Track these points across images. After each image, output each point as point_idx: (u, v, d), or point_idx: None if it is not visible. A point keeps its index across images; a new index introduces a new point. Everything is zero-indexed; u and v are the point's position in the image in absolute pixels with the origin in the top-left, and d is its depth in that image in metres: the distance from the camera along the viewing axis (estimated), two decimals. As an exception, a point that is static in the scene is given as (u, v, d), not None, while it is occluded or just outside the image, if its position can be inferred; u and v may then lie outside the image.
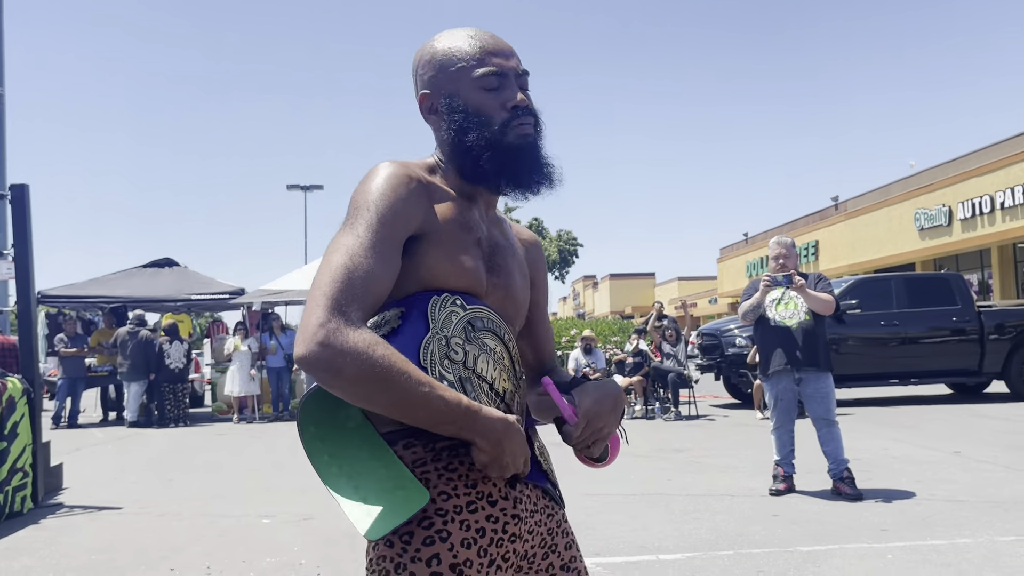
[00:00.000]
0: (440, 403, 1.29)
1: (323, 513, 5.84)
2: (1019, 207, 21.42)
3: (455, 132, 1.51)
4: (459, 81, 1.52)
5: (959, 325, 12.63)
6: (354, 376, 1.26)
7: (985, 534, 4.68)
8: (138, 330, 13.54)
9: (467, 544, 1.36)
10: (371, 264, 1.34)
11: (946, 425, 9.76)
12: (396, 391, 1.27)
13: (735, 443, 8.96)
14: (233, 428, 12.74)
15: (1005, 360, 12.58)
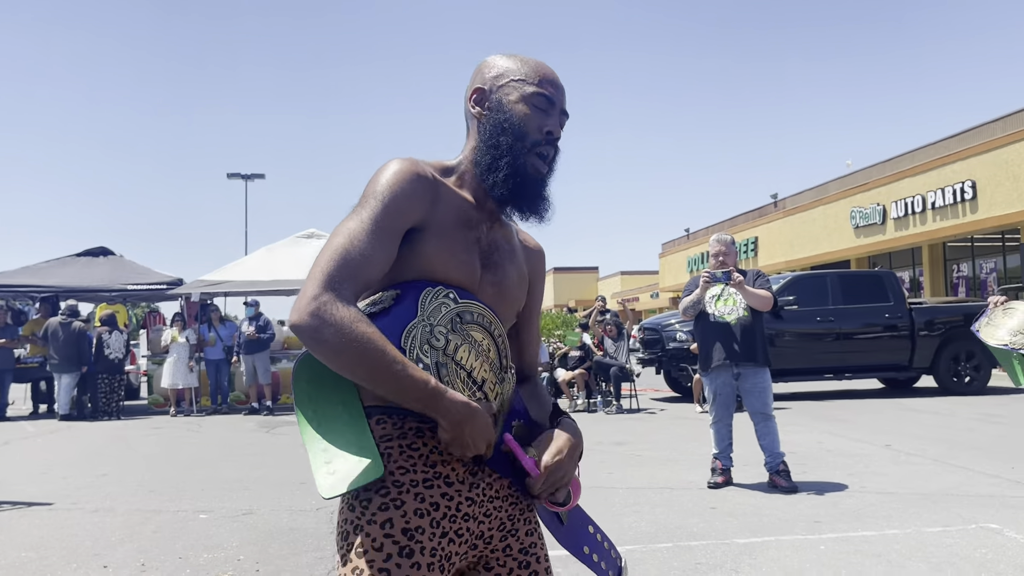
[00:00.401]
0: (409, 381, 1.42)
1: (262, 508, 5.77)
2: (949, 207, 22.07)
3: (492, 128, 1.65)
4: (515, 91, 1.66)
5: (891, 321, 12.97)
6: (335, 346, 1.40)
7: (913, 525, 4.82)
8: (70, 321, 13.18)
9: (420, 514, 1.48)
10: (368, 248, 1.48)
11: (878, 419, 10.02)
12: (371, 364, 1.41)
13: (675, 436, 9.08)
14: (170, 421, 12.50)
15: (934, 356, 12.95)
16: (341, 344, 1.40)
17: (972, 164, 21.36)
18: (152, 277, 15.95)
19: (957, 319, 13.26)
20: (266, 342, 13.45)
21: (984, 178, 20.91)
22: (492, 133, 1.64)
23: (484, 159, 1.64)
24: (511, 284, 1.69)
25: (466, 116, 1.75)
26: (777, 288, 12.57)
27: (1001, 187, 20.35)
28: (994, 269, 22.84)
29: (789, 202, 31.25)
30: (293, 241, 15.71)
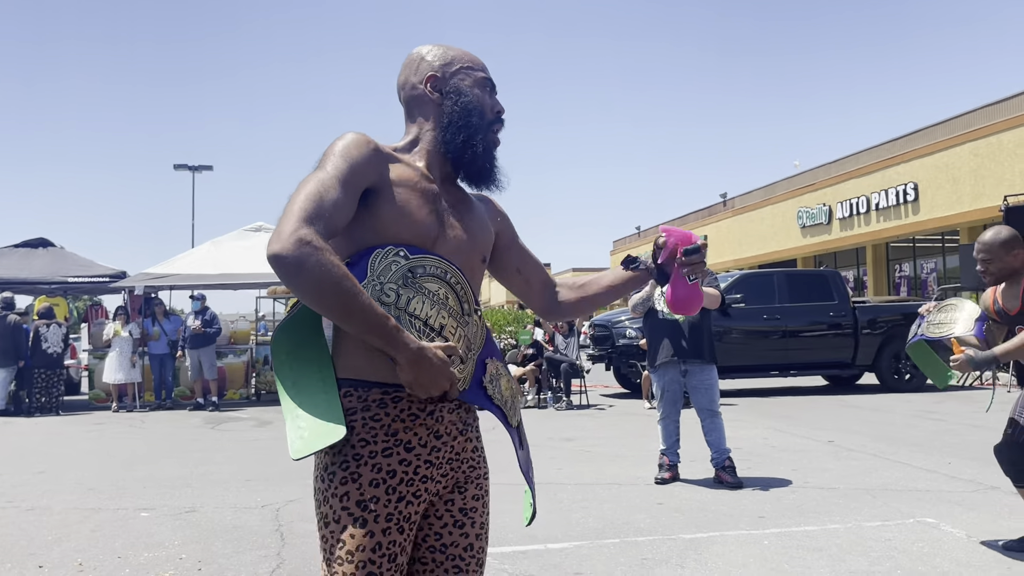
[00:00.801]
0: (373, 316, 1.56)
1: (205, 506, 5.68)
2: (892, 208, 22.55)
3: (460, 110, 1.84)
4: (468, 76, 1.88)
5: (835, 320, 13.19)
6: (315, 275, 1.51)
7: (853, 519, 4.91)
8: (5, 314, 12.80)
9: (375, 484, 1.65)
10: (336, 194, 1.63)
11: (821, 415, 10.19)
12: (343, 296, 1.53)
13: (623, 432, 9.14)
14: (111, 417, 12.23)
15: (876, 354, 13.21)
16: (320, 274, 1.51)
17: (915, 167, 21.85)
18: (94, 269, 15.59)
19: (898, 318, 13.54)
20: (212, 336, 13.22)
21: (926, 180, 21.40)
22: (462, 115, 1.83)
23: (457, 137, 1.83)
24: (473, 234, 1.87)
25: (409, 102, 1.91)
26: (725, 286, 12.72)
27: (942, 190, 20.84)
28: (934, 269, 23.39)
29: (738, 201, 31.67)
30: (240, 234, 15.46)
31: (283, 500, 5.80)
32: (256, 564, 4.26)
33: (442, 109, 1.85)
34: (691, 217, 35.20)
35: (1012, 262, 3.94)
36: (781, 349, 13.09)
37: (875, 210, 23.11)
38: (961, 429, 8.68)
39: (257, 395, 14.43)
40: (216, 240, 15.54)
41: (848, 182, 24.36)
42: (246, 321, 16.25)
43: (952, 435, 8.28)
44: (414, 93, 1.89)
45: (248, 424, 10.83)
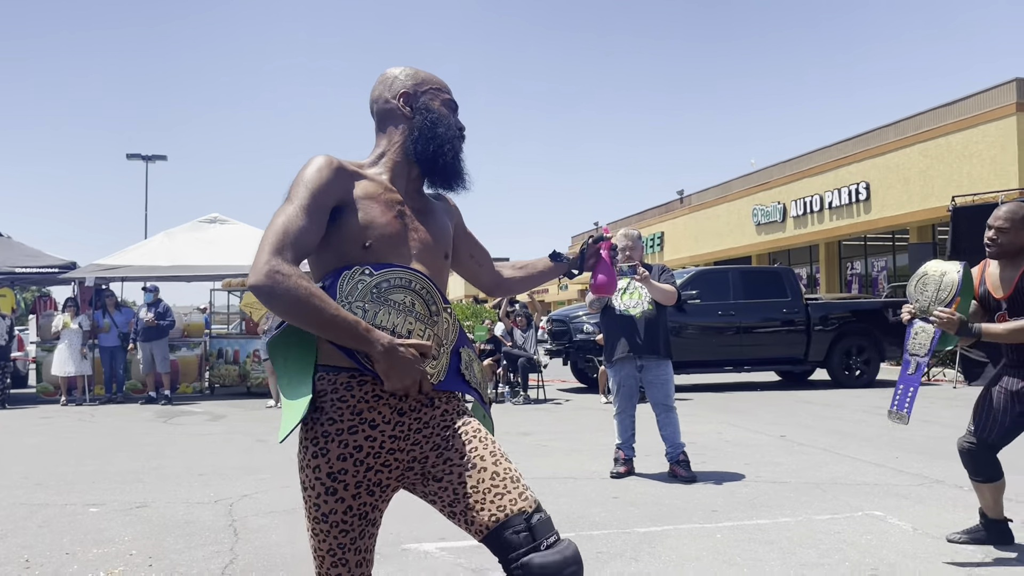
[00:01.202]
0: (344, 323, 1.84)
1: (157, 501, 5.60)
2: (845, 207, 22.91)
3: (430, 124, 2.11)
4: (436, 97, 2.16)
5: (788, 316, 13.38)
6: (285, 298, 1.82)
7: (804, 513, 4.97)
8: (-49, 305, 12.52)
9: (342, 458, 1.92)
10: (302, 223, 1.91)
11: (774, 410, 10.34)
12: (313, 312, 1.82)
13: (580, 427, 9.18)
14: (60, 411, 12.00)
15: (828, 350, 13.43)
16: (288, 296, 1.82)
17: (866, 167, 22.22)
18: (43, 260, 15.22)
19: (849, 315, 13.78)
20: (165, 329, 13.02)
21: (877, 180, 21.78)
22: (431, 127, 2.11)
23: (428, 147, 2.10)
24: (436, 234, 2.13)
25: (381, 115, 2.18)
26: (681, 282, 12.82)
27: (892, 189, 21.23)
28: (885, 267, 23.83)
29: (695, 199, 31.93)
30: (195, 225, 15.22)
31: (237, 495, 5.74)
32: (208, 560, 4.20)
33: (412, 122, 2.12)
34: (649, 214, 35.43)
35: (1020, 242, 3.96)
36: (735, 345, 13.25)
37: (828, 209, 23.48)
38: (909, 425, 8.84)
39: (211, 389, 14.25)
40: (169, 231, 15.30)
41: (802, 181, 24.71)
42: (200, 314, 16.04)
43: (899, 431, 8.42)
44: (387, 107, 2.16)
45: (201, 418, 10.69)
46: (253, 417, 10.69)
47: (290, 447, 7.95)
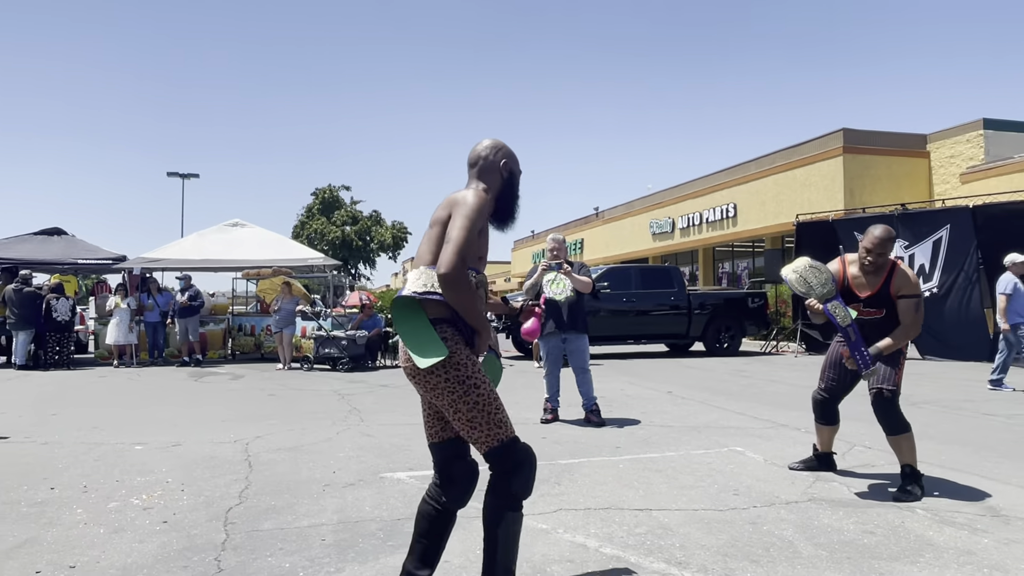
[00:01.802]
0: (479, 313, 2.30)
1: (188, 441, 5.46)
2: (718, 221, 23.29)
3: (514, 186, 2.53)
4: (517, 168, 2.55)
5: (675, 303, 13.55)
6: (460, 289, 2.19)
7: (684, 448, 5.04)
8: (22, 287, 12.05)
9: (472, 363, 2.31)
10: (472, 239, 2.23)
11: (664, 373, 10.47)
12: (471, 302, 2.25)
13: (519, 385, 9.17)
14: (113, 372, 11.61)
15: (704, 328, 13.65)
16: (463, 289, 2.19)
17: (734, 191, 22.61)
18: (100, 253, 14.75)
19: (720, 302, 14.01)
20: (196, 308, 12.72)
21: (742, 202, 22.18)
22: (514, 189, 2.52)
23: (511, 203, 2.52)
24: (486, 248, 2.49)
25: (486, 168, 2.46)
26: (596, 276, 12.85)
27: (753, 209, 21.65)
28: (747, 267, 24.31)
29: (607, 213, 32.15)
30: (221, 228, 14.88)
31: (252, 436, 5.62)
32: (229, 486, 4.12)
33: (504, 180, 2.48)
34: (572, 224, 35.57)
35: (887, 258, 3.91)
36: (635, 324, 13.38)
37: (705, 223, 23.85)
38: (762, 383, 9.04)
39: (232, 355, 13.93)
40: (201, 232, 14.94)
41: (687, 201, 25.05)
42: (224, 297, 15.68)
43: (756, 388, 8.61)
44: (492, 165, 2.47)
45: (225, 378, 10.44)
46: (265, 377, 10.47)
47: (292, 402, 7.81)
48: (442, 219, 2.31)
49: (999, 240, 11.36)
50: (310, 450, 5.08)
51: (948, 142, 18.94)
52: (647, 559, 2.93)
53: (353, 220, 39.61)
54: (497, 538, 2.29)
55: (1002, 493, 3.82)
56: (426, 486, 4.07)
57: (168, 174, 31.94)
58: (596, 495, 3.88)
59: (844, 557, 2.92)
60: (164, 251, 14.25)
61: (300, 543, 3.16)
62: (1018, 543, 3.06)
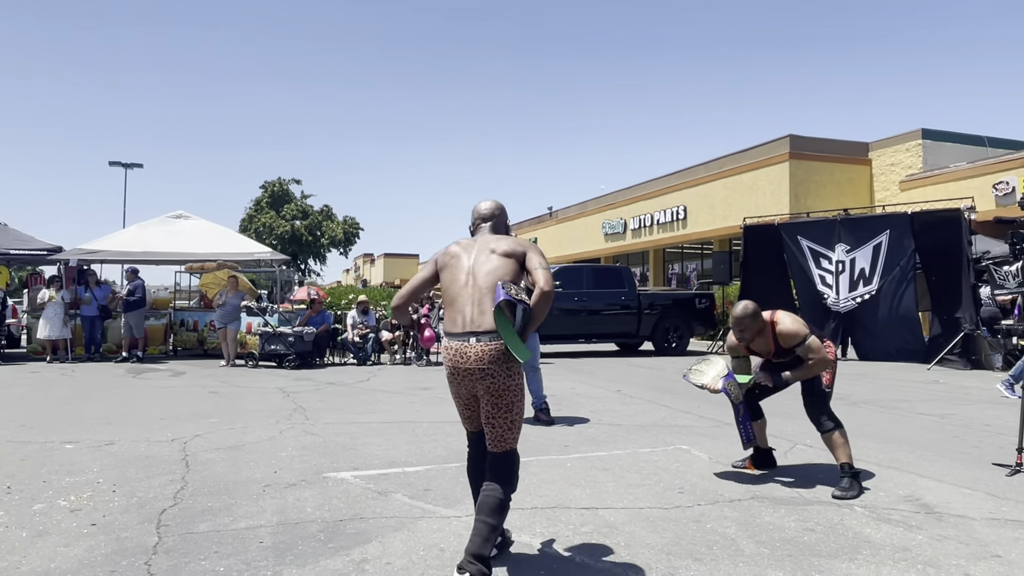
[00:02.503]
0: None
1: (123, 439, 5.24)
2: (668, 223, 23.62)
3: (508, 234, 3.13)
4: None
5: (626, 303, 13.66)
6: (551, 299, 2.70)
7: (632, 447, 5.07)
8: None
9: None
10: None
11: (613, 372, 10.54)
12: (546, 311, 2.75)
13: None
14: (46, 367, 11.11)
15: (653, 328, 13.81)
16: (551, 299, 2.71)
17: (684, 194, 22.96)
18: (34, 244, 14.13)
19: (669, 303, 14.20)
20: (138, 303, 12.28)
21: (692, 205, 22.54)
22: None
23: None
24: None
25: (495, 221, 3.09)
26: (548, 275, 12.85)
27: (702, 212, 22.02)
28: (695, 269, 24.73)
29: (560, 213, 32.30)
30: (163, 220, 14.38)
31: (190, 435, 5.43)
32: (164, 486, 3.95)
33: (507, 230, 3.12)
34: (526, 223, 35.62)
35: (758, 326, 4.04)
36: (586, 323, 13.43)
37: (656, 224, 24.17)
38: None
39: (174, 351, 13.49)
40: (142, 224, 14.41)
41: (638, 203, 25.33)
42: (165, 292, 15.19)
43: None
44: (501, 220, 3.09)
45: (165, 374, 10.10)
46: (207, 374, 10.17)
47: (235, 400, 7.59)
48: (514, 252, 2.84)
49: (934, 246, 11.82)
50: (251, 449, 4.93)
51: (889, 151, 19.61)
52: (592, 558, 2.92)
53: (303, 214, 38.90)
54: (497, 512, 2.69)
55: (935, 490, 3.94)
56: (371, 486, 4.01)
57: (110, 163, 30.83)
58: (543, 494, 3.86)
59: (785, 555, 2.96)
60: (103, 242, 13.70)
61: (236, 545, 3.04)
62: (950, 539, 3.15)
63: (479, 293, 2.73)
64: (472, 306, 2.73)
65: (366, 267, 63.85)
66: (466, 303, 2.75)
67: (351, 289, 18.80)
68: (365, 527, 3.28)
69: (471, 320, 2.71)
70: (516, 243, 2.88)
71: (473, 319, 2.71)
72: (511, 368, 2.69)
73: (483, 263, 2.80)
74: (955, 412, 6.73)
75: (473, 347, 2.69)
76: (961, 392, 8.28)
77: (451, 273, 2.85)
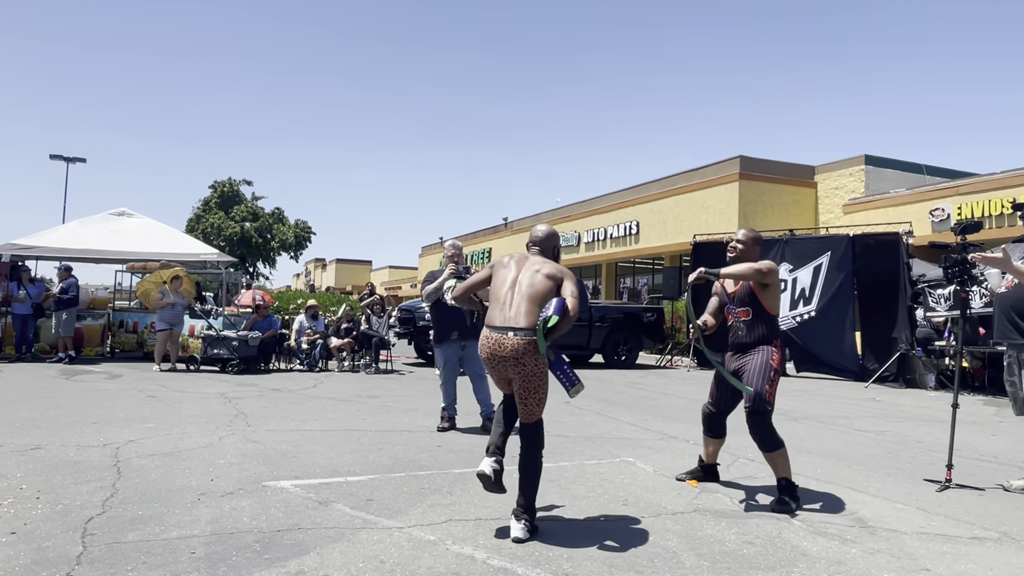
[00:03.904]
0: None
1: (51, 444, 5.00)
2: (621, 238, 23.92)
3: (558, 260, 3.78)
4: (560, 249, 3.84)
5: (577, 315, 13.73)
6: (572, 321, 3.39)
7: (578, 459, 5.07)
8: None
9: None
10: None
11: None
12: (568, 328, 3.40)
13: (419, 392, 9.04)
14: (-30, 367, 10.56)
15: (603, 340, 13.94)
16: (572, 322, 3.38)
17: (637, 210, 23.30)
18: (-38, 238, 13.43)
19: (620, 316, 14.35)
20: (70, 301, 11.79)
21: (644, 220, 22.88)
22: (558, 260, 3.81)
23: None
24: None
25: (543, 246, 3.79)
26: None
27: (655, 228, 22.37)
28: (647, 283, 25.07)
29: (516, 224, 32.40)
30: (105, 217, 13.88)
31: (124, 440, 5.21)
32: (92, 493, 3.78)
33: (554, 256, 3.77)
34: (482, 233, 35.63)
35: (752, 255, 4.18)
36: (538, 334, 13.43)
37: (609, 239, 24.44)
38: (657, 396, 9.29)
39: (112, 352, 12.99)
40: (83, 220, 13.87)
41: (592, 217, 25.60)
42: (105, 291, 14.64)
43: (649, 400, 8.84)
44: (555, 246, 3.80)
45: (100, 376, 9.71)
46: (145, 377, 9.82)
47: (173, 404, 7.34)
48: (555, 277, 3.49)
49: (874, 267, 12.25)
50: (188, 456, 4.76)
51: (833, 174, 20.27)
52: (535, 570, 2.89)
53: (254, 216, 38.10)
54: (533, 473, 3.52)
55: (870, 505, 4.04)
56: (312, 495, 3.91)
57: (51, 156, 29.65)
58: (488, 505, 3.82)
59: (724, 567, 2.99)
60: (39, 238, 13.14)
61: (166, 556, 2.92)
62: (882, 552, 3.23)
63: (520, 299, 3.41)
64: (513, 308, 3.41)
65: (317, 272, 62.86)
66: (508, 305, 3.43)
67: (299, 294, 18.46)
68: (303, 538, 3.19)
69: (511, 318, 3.39)
70: (559, 270, 3.54)
71: (512, 318, 3.38)
72: (537, 358, 3.38)
73: (528, 278, 3.49)
74: (890, 429, 6.95)
75: (510, 339, 3.36)
76: (896, 409, 8.57)
77: (500, 278, 3.55)
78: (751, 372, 4.04)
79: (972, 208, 15.89)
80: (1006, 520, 3.83)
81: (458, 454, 5.13)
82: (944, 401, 9.39)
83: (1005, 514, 3.96)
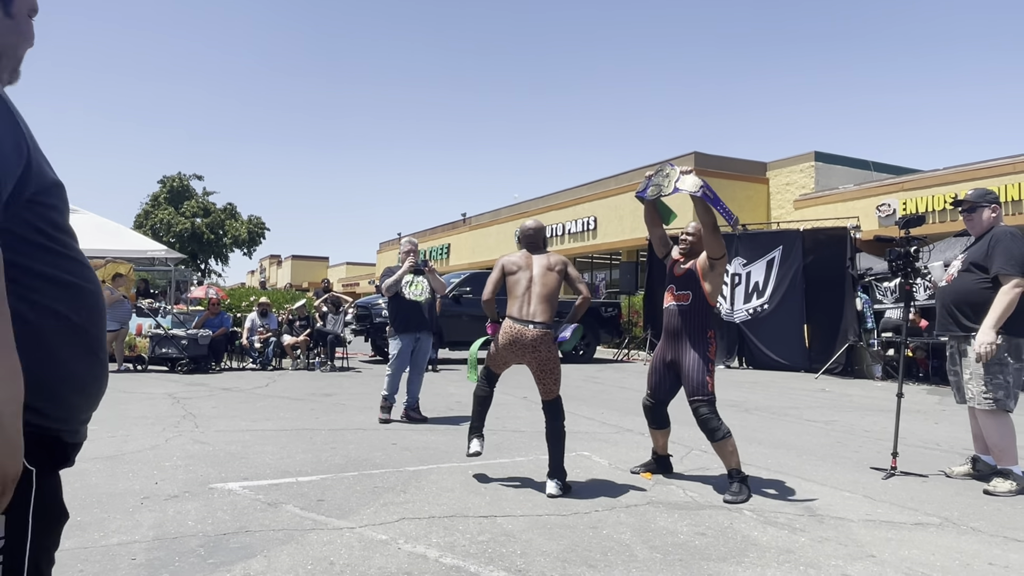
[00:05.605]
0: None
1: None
2: (579, 233, 24.06)
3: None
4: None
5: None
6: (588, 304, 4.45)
7: (535, 454, 5.08)
8: None
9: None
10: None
11: (520, 378, 10.48)
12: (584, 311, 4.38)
13: (375, 390, 8.91)
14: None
15: (562, 335, 13.95)
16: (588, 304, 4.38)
17: (595, 205, 23.46)
18: None
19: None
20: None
21: (602, 216, 23.05)
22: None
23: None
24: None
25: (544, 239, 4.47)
26: (459, 282, 12.86)
27: (612, 223, 22.55)
28: (604, 278, 25.27)
29: (474, 220, 32.32)
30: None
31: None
32: None
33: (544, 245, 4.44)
34: (440, 229, 35.45)
35: (701, 247, 4.29)
36: (496, 330, 13.42)
37: (568, 234, 24.56)
38: (613, 390, 9.36)
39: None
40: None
41: (551, 212, 25.68)
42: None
43: (606, 394, 8.90)
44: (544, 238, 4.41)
45: None
46: (91, 378, 9.47)
47: (118, 406, 7.12)
48: (556, 267, 4.22)
49: (823, 261, 12.55)
50: (131, 459, 4.60)
51: (784, 171, 20.71)
52: (487, 568, 2.87)
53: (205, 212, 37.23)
54: (558, 439, 4.08)
55: (818, 493, 4.13)
56: (261, 497, 3.82)
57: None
58: (442, 502, 3.78)
59: (677, 559, 3.01)
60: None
61: (105, 563, 2.81)
62: (830, 541, 3.30)
63: (536, 300, 4.10)
64: (533, 304, 4.10)
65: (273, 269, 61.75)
66: (527, 300, 4.11)
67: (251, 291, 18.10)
68: (250, 541, 3.10)
69: (532, 313, 4.07)
70: (559, 260, 4.23)
71: (531, 314, 4.06)
72: (551, 346, 4.06)
73: (542, 275, 4.16)
74: (839, 419, 7.12)
75: (531, 331, 4.05)
76: (844, 399, 8.79)
77: (516, 277, 4.18)
78: (690, 368, 4.09)
79: (916, 203, 16.42)
80: (947, 506, 3.95)
81: (413, 452, 5.07)
82: (890, 391, 9.68)
83: (947, 500, 4.08)
